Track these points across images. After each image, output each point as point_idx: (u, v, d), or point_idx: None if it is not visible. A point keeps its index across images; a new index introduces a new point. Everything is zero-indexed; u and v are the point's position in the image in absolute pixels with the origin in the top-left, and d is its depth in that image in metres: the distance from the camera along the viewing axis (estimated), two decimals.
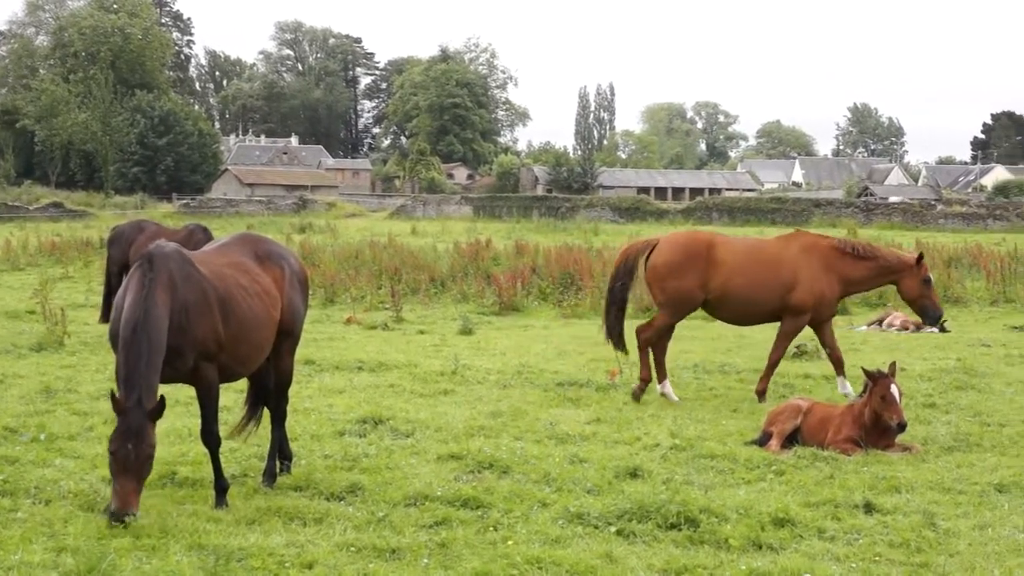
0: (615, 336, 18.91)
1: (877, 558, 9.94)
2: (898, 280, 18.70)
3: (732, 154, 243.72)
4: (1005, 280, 35.79)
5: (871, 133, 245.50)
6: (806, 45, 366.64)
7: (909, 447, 14.07)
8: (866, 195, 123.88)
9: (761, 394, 18.07)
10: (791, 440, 14.33)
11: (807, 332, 19.08)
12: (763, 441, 14.31)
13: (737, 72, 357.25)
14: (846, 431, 14.10)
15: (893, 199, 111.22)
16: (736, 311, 18.77)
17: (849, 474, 12.86)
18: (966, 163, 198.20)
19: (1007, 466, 13.30)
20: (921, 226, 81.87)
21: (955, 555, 10.02)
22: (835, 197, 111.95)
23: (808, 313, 18.40)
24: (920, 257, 18.78)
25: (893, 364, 14.56)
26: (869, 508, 11.37)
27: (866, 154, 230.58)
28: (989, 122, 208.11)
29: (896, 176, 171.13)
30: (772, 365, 18.54)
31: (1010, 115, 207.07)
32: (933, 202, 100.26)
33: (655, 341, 18.55)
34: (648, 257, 18.72)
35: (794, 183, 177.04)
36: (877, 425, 13.99)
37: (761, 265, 18.38)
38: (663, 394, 18.18)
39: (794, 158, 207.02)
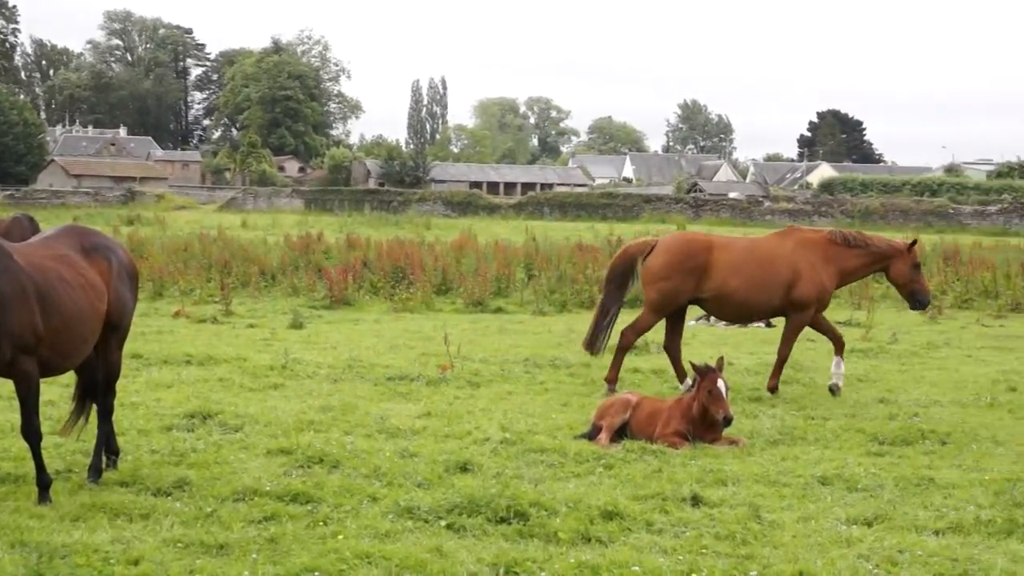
0: (602, 336, 19.18)
1: (704, 550, 10.03)
2: (889, 266, 19.05)
3: (564, 149, 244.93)
4: None
5: (701, 130, 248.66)
6: (637, 42, 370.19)
7: (735, 440, 14.26)
8: (695, 191, 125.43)
9: (773, 390, 18.34)
10: (620, 434, 14.43)
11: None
12: (592, 435, 14.39)
13: (569, 68, 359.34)
14: (674, 425, 14.24)
15: (732, 195, 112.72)
16: (736, 310, 19.07)
17: (677, 467, 12.99)
18: (793, 160, 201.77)
19: (830, 459, 13.55)
20: (749, 222, 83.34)
21: (779, 547, 10.17)
22: (665, 193, 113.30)
23: (812, 307, 18.74)
24: (913, 243, 19.19)
25: (721, 359, 14.74)
26: (696, 501, 11.48)
27: (696, 151, 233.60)
28: (815, 120, 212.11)
29: (725, 173, 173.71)
30: (781, 361, 18.77)
31: (835, 113, 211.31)
32: (761, 199, 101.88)
33: (634, 343, 18.93)
34: (646, 258, 18.81)
35: (625, 179, 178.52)
36: (705, 419, 14.15)
37: (759, 264, 18.60)
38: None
39: (625, 154, 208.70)
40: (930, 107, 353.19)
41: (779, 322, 27.75)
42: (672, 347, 18.87)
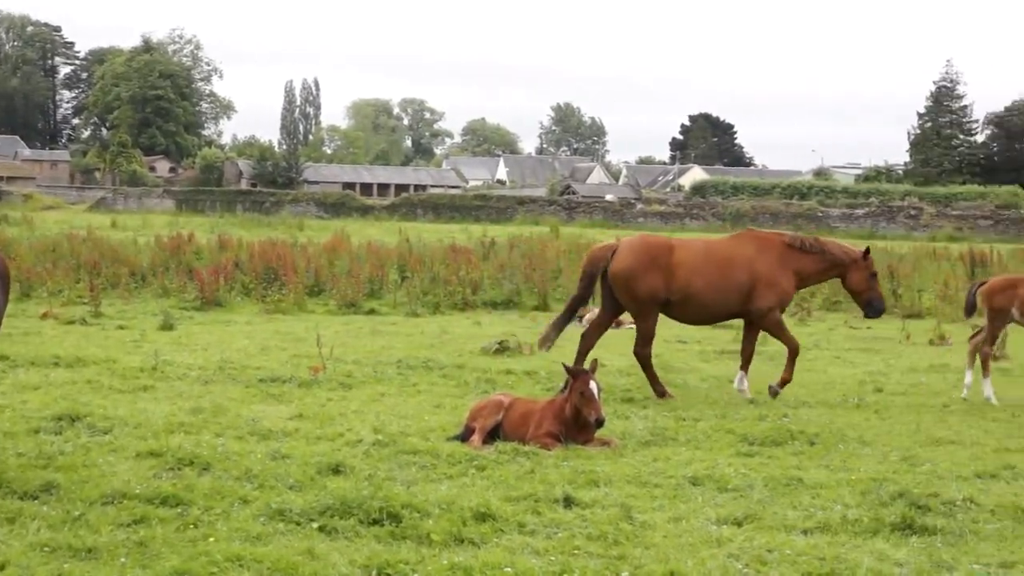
0: (555, 333, 19.33)
1: (576, 551, 10.07)
2: (845, 273, 19.28)
3: (438, 151, 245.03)
4: None
5: (574, 132, 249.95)
6: (511, 43, 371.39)
7: (608, 441, 14.33)
8: (568, 193, 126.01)
9: (785, 383, 18.65)
10: (493, 435, 14.44)
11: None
12: (465, 436, 14.38)
13: (443, 69, 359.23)
14: (547, 426, 14.28)
15: (609, 197, 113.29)
16: (697, 312, 19.12)
17: (549, 468, 13.03)
18: (665, 163, 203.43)
19: (700, 460, 13.67)
20: (622, 224, 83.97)
21: (651, 547, 10.23)
22: (539, 195, 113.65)
23: (777, 308, 18.99)
24: (867, 251, 19.40)
25: (595, 361, 14.86)
26: (569, 502, 11.52)
27: (569, 153, 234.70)
28: (687, 123, 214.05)
29: (598, 175, 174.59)
30: (792, 355, 18.93)
31: (707, 116, 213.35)
32: (633, 201, 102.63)
33: (650, 352, 18.79)
34: (610, 262, 18.84)
35: (499, 181, 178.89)
36: (577, 420, 14.20)
37: (718, 266, 18.73)
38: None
39: (499, 156, 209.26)
40: (800, 111, 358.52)
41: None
42: (589, 339, 19.06)
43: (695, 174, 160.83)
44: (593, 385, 14.15)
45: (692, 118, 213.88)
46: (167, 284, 34.98)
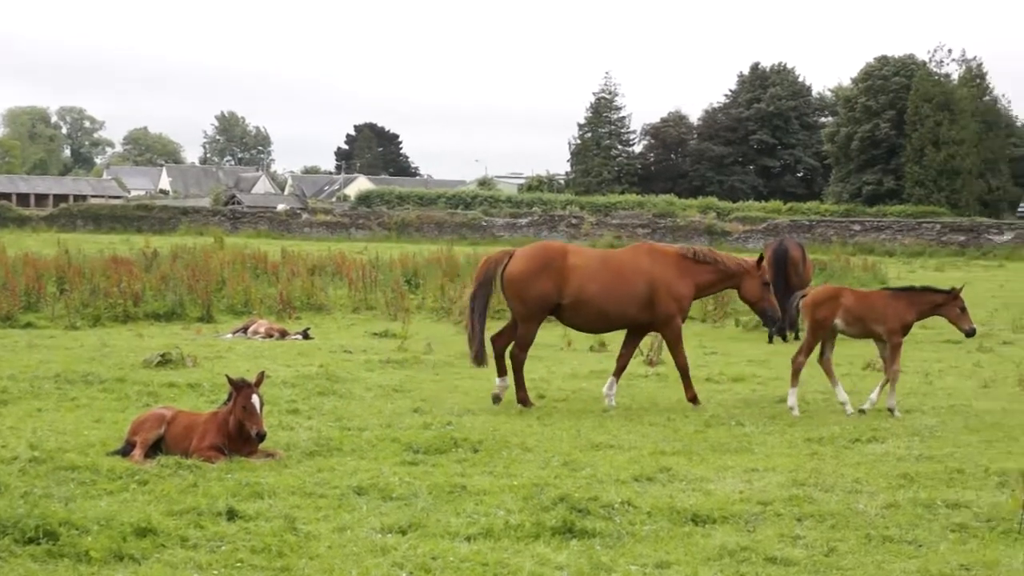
0: (478, 344, 19.25)
1: (239, 564, 10.00)
2: (739, 284, 19.57)
3: (98, 161, 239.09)
4: (366, 288, 37.04)
5: (239, 142, 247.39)
6: (172, 51, 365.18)
7: (272, 453, 14.24)
8: (233, 203, 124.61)
9: (694, 400, 18.88)
10: (155, 449, 14.19)
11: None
12: (126, 451, 14.09)
13: (102, 77, 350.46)
14: (210, 439, 14.11)
15: (281, 207, 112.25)
16: (591, 318, 19.24)
17: (213, 481, 12.87)
18: (331, 173, 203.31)
19: (366, 469, 13.71)
20: (287, 234, 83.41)
21: (315, 558, 10.23)
22: (203, 205, 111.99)
23: (677, 316, 19.21)
24: (760, 260, 19.70)
25: (261, 373, 14.74)
26: (232, 515, 11.41)
27: (234, 163, 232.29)
28: (352, 133, 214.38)
29: (263, 185, 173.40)
30: (684, 371, 19.15)
31: (372, 126, 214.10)
32: (299, 211, 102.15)
33: (525, 358, 19.09)
34: (505, 268, 18.98)
35: (161, 191, 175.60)
36: (241, 433, 14.08)
37: (613, 274, 18.97)
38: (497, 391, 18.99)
39: (161, 166, 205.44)
40: (464, 121, 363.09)
41: (315, 333, 27.99)
42: (500, 343, 19.38)
43: (361, 184, 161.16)
44: (255, 398, 14.05)
45: (357, 128, 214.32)
46: None
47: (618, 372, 19.56)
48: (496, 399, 18.94)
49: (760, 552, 10.62)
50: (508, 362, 19.14)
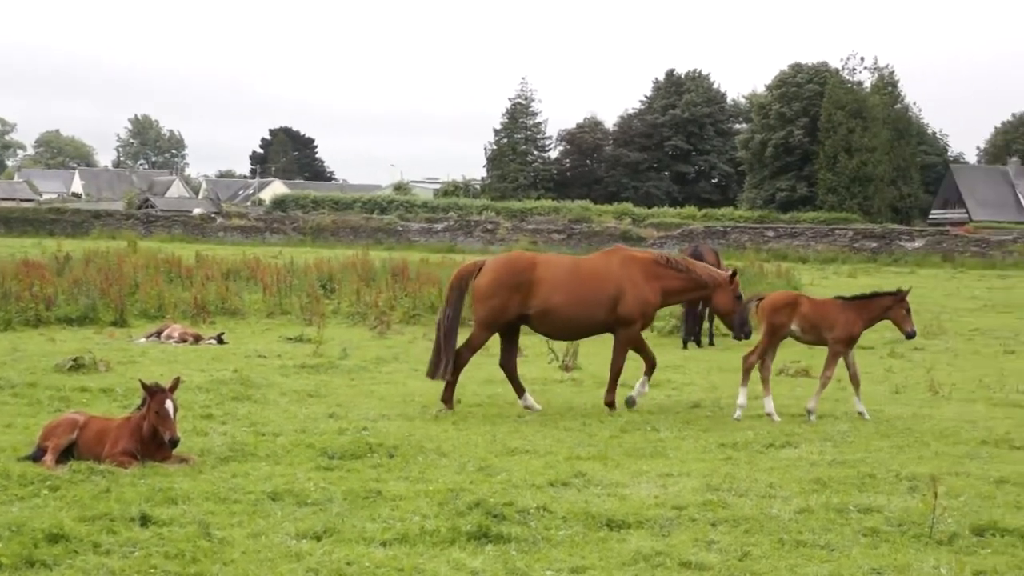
0: (435, 356, 19.26)
1: (152, 570, 9.92)
2: (711, 295, 19.75)
3: (9, 163, 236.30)
4: (281, 292, 36.88)
5: (153, 145, 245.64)
6: (85, 53, 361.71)
7: (186, 459, 14.14)
8: (147, 207, 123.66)
9: (611, 405, 19.03)
10: (67, 454, 14.04)
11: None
12: (37, 456, 13.94)
13: (11, 79, 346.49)
14: (123, 444, 13.98)
15: (197, 211, 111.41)
16: (560, 326, 19.39)
17: (126, 487, 12.76)
18: (246, 177, 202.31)
19: (280, 475, 13.64)
20: (202, 238, 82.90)
21: (229, 563, 10.17)
22: (116, 209, 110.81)
23: (639, 322, 19.29)
24: (734, 274, 19.81)
25: (177, 379, 14.64)
26: (145, 520, 11.32)
27: (147, 166, 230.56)
28: (268, 137, 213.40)
29: (177, 189, 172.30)
30: (615, 375, 19.31)
31: (287, 131, 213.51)
32: (214, 215, 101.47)
33: (468, 361, 19.40)
34: (475, 277, 19.23)
35: (74, 194, 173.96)
36: (155, 438, 13.97)
37: (582, 281, 19.07)
38: (526, 407, 19.07)
39: (74, 169, 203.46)
40: (379, 126, 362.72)
41: (229, 339, 27.83)
42: (508, 364, 19.54)
43: (276, 188, 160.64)
44: (169, 404, 13.94)
45: (273, 132, 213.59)
46: None
47: (649, 371, 19.86)
48: (528, 409, 19.19)
49: (675, 557, 10.67)
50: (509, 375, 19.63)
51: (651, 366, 19.84)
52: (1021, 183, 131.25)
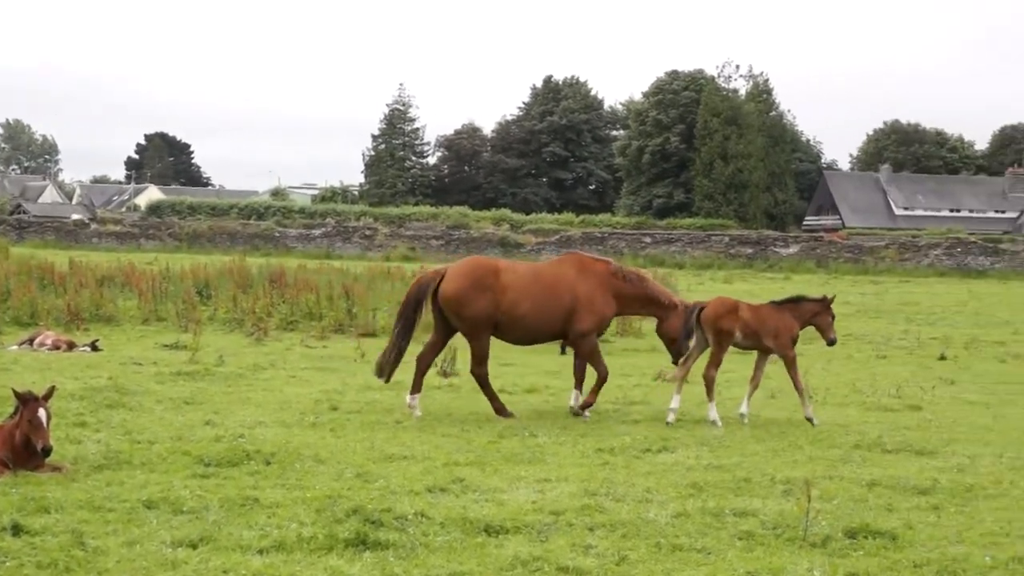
0: (383, 356, 19.53)
1: None
2: (663, 317, 19.73)
3: None
4: (156, 299, 36.50)
5: (25, 150, 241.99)
6: None
7: (59, 467, 13.95)
8: (19, 212, 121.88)
9: (587, 406, 19.11)
10: None
11: None
12: None
13: None
14: None
15: (75, 217, 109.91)
16: (522, 334, 19.35)
17: None
18: (121, 182, 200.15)
19: (156, 483, 13.51)
20: (76, 245, 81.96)
21: (104, 573, 10.07)
22: None
23: (594, 330, 19.28)
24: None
25: (52, 387, 14.44)
26: (17, 530, 11.15)
27: (19, 171, 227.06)
28: (143, 142, 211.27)
29: (51, 194, 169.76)
30: (601, 381, 19.28)
31: (163, 136, 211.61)
32: (88, 221, 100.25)
33: (486, 372, 19.38)
34: (438, 287, 19.00)
35: None
36: (27, 447, 13.78)
37: (543, 289, 19.02)
38: (411, 406, 19.05)
39: None
40: (256, 131, 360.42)
41: (104, 345, 27.50)
42: (425, 359, 19.57)
43: (152, 194, 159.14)
44: (42, 412, 13.75)
45: (148, 137, 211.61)
46: None
47: (578, 384, 19.88)
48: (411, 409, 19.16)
49: (552, 562, 10.71)
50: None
51: (581, 381, 19.89)
52: (892, 189, 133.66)
